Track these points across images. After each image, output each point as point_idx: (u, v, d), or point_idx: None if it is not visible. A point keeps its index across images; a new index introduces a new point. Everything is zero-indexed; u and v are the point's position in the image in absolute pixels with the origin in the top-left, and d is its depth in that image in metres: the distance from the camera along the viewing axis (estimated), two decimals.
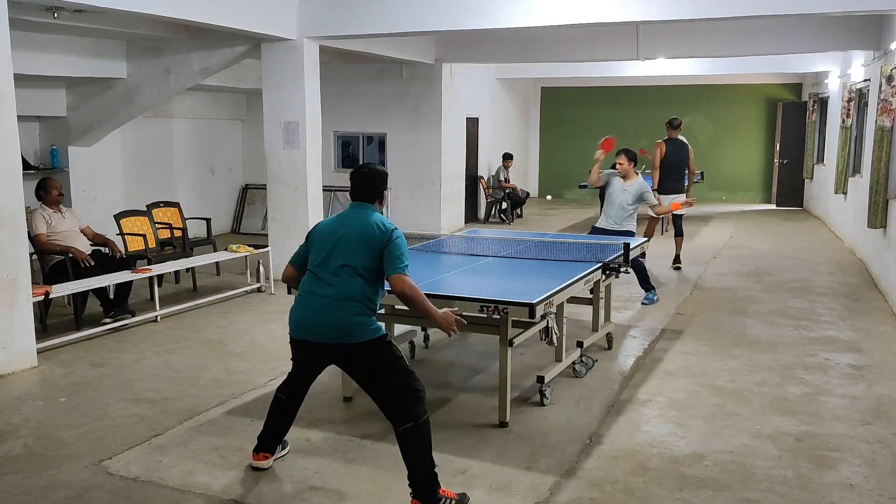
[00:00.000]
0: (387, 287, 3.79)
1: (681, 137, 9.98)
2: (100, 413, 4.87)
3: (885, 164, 8.21)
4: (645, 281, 7.84)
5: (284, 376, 5.50)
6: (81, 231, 7.28)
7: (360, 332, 3.65)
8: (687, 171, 10.02)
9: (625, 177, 7.66)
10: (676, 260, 9.78)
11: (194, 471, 4.04)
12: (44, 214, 7.00)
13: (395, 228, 3.77)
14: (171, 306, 7.43)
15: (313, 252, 3.83)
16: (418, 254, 6.08)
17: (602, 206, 8.23)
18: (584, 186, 13.04)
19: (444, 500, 3.58)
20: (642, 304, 7.77)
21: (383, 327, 3.76)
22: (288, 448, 4.24)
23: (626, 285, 8.26)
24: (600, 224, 7.76)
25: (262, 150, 9.09)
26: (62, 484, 3.89)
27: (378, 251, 3.68)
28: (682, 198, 9.19)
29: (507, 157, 14.93)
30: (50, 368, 5.74)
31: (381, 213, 3.89)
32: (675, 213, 8.51)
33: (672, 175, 9.68)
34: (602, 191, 8.90)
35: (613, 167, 8.00)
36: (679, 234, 9.80)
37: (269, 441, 4.08)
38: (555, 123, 18.59)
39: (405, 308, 3.98)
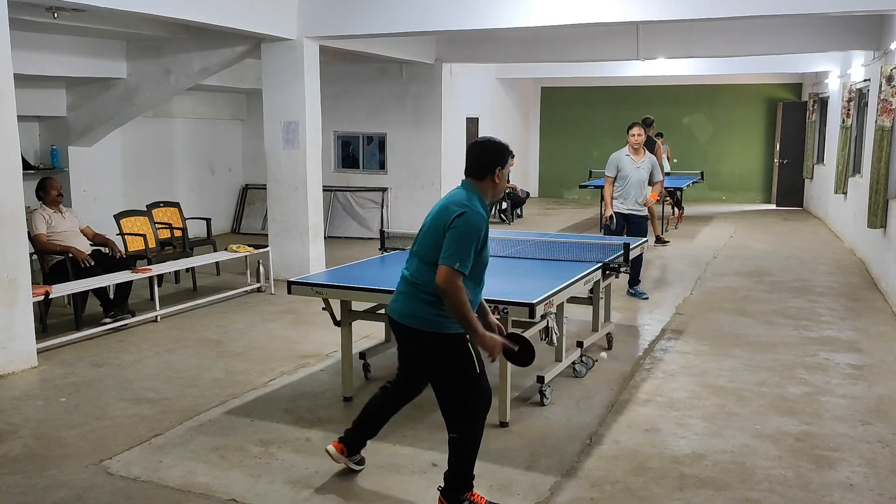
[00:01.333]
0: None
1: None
2: (100, 413, 4.87)
3: (885, 164, 8.21)
4: (636, 274, 7.83)
5: (284, 376, 5.56)
6: (81, 231, 7.28)
7: (425, 321, 3.43)
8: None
9: (637, 151, 7.63)
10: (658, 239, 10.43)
11: (194, 471, 4.04)
12: (44, 214, 7.00)
13: (467, 212, 3.34)
14: (171, 306, 7.43)
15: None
16: None
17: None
18: (586, 186, 13.06)
19: (466, 502, 3.51)
20: (627, 293, 7.80)
21: (457, 326, 3.42)
22: (363, 467, 4.01)
23: (625, 285, 8.26)
24: (619, 209, 7.73)
25: (262, 150, 9.09)
26: (62, 484, 3.89)
27: (442, 235, 3.35)
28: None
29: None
30: (50, 368, 5.74)
31: (489, 192, 3.53)
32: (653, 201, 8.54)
33: None
34: None
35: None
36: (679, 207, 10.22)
37: (354, 435, 3.91)
38: (555, 123, 18.59)
39: None
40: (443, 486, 3.57)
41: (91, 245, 7.34)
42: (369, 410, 3.91)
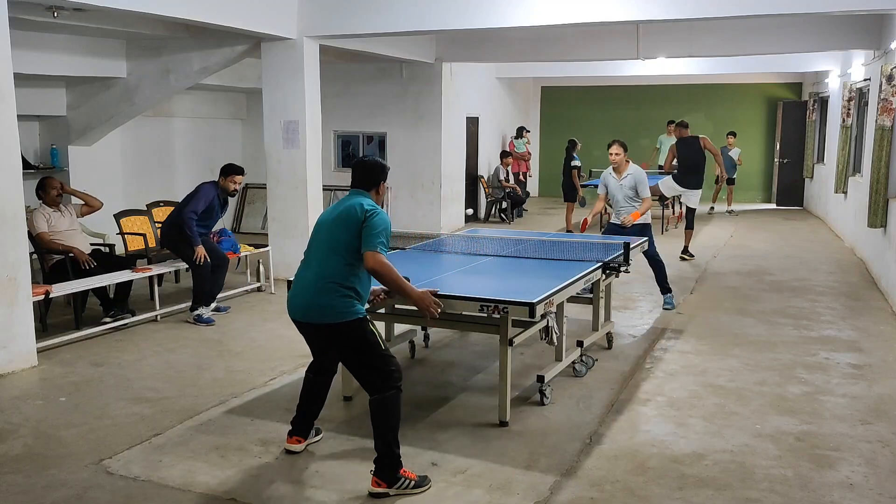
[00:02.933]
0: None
1: (692, 135, 10.74)
2: (100, 412, 4.87)
3: (885, 164, 8.21)
4: (663, 281, 7.57)
5: (284, 375, 5.56)
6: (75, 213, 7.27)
7: (337, 313, 3.78)
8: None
9: (618, 169, 7.38)
10: (685, 251, 10.36)
11: (194, 470, 4.04)
12: (44, 213, 6.99)
13: (377, 208, 3.88)
14: (171, 306, 7.43)
15: (310, 239, 4.01)
16: (418, 253, 6.08)
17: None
18: (586, 186, 13.07)
19: (403, 480, 3.75)
20: (664, 309, 7.46)
21: (361, 309, 3.85)
22: (321, 435, 4.39)
23: (625, 285, 8.26)
24: (614, 220, 7.61)
25: (262, 149, 9.09)
26: (62, 483, 3.89)
27: (356, 231, 3.78)
28: (695, 194, 10.41)
29: (505, 155, 14.94)
30: (50, 368, 5.74)
31: (376, 202, 3.99)
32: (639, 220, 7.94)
33: (691, 171, 10.54)
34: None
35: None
36: (689, 227, 10.43)
37: (302, 423, 4.24)
38: (555, 123, 18.57)
39: (406, 307, 3.98)
40: (374, 469, 3.77)
41: (91, 246, 7.34)
42: (306, 398, 4.25)
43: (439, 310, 4.02)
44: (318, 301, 3.80)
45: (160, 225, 8.73)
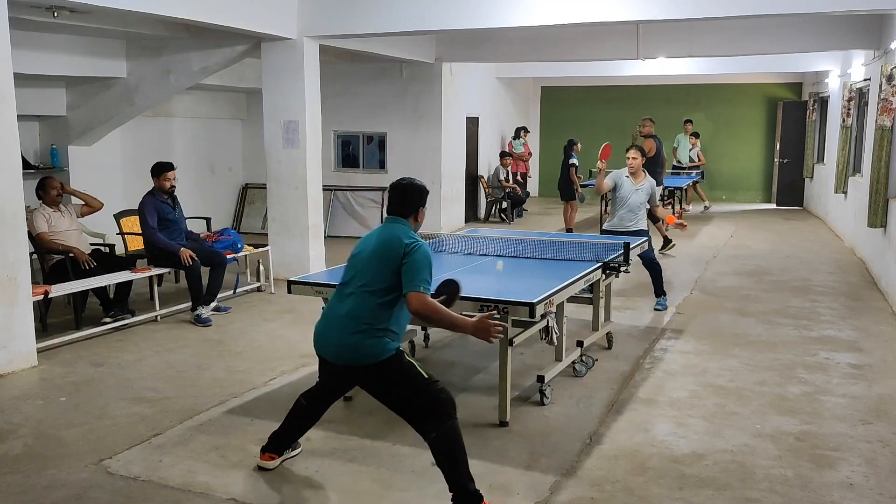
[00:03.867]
0: None
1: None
2: (100, 412, 4.87)
3: (885, 164, 8.21)
4: (658, 284, 7.58)
5: (284, 375, 5.55)
6: (75, 210, 7.28)
7: (370, 354, 3.54)
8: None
9: (635, 174, 7.42)
10: (664, 245, 10.45)
11: (194, 470, 4.03)
12: (44, 213, 6.99)
13: (417, 242, 3.58)
14: (171, 306, 7.43)
15: (345, 269, 3.80)
16: None
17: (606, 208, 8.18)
18: (586, 185, 13.07)
19: None
20: (655, 309, 7.48)
21: (395, 345, 3.60)
22: (300, 449, 4.20)
23: (625, 285, 8.26)
24: (609, 227, 7.50)
25: (262, 149, 9.08)
26: (62, 483, 3.89)
27: (394, 268, 3.52)
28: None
29: (505, 156, 14.94)
30: (50, 368, 5.74)
31: (413, 229, 3.73)
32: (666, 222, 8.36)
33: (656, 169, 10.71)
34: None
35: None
36: (654, 221, 10.12)
37: (280, 443, 4.03)
38: (555, 123, 18.57)
39: None
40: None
41: (90, 245, 7.34)
42: (294, 422, 3.98)
43: (501, 329, 3.59)
44: (349, 341, 3.55)
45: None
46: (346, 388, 3.98)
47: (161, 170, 7.23)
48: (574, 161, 12.76)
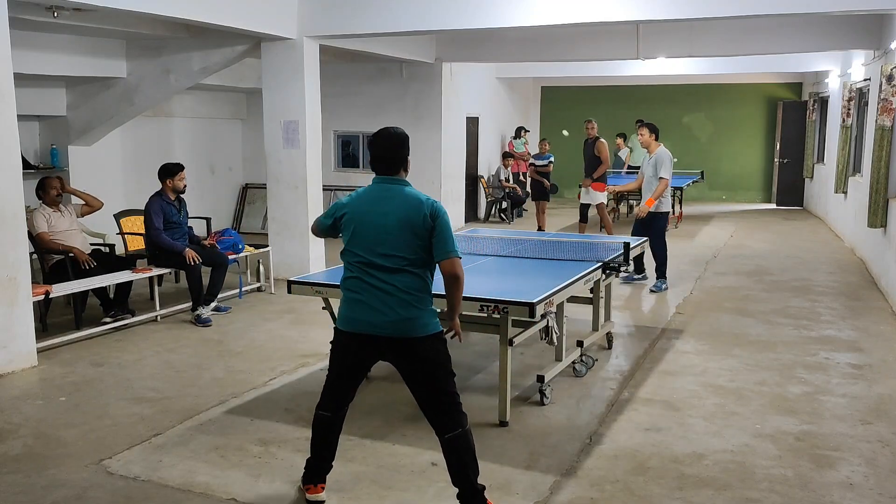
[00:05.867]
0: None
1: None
2: (100, 412, 4.87)
3: (885, 164, 8.21)
4: (660, 268, 8.08)
5: (284, 375, 5.55)
6: (75, 214, 7.28)
7: (424, 326, 3.44)
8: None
9: (647, 148, 8.12)
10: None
11: (194, 470, 4.03)
12: (44, 213, 6.99)
13: (435, 202, 3.51)
14: (171, 306, 7.43)
15: (354, 238, 3.49)
16: None
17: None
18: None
19: None
20: (651, 290, 7.91)
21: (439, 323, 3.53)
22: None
23: (625, 285, 8.26)
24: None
25: (262, 149, 9.09)
26: (62, 483, 3.89)
27: (425, 236, 3.42)
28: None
29: (507, 156, 14.94)
30: (50, 368, 5.74)
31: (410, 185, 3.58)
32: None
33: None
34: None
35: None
36: (583, 220, 10.77)
37: (321, 468, 3.71)
38: (555, 123, 18.56)
39: None
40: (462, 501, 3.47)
41: (90, 244, 7.34)
42: (325, 440, 3.68)
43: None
44: (404, 315, 3.40)
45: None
46: (367, 369, 3.68)
47: (172, 172, 7.21)
48: (534, 161, 12.65)
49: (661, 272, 8.17)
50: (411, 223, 3.42)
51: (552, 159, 12.41)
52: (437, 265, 3.49)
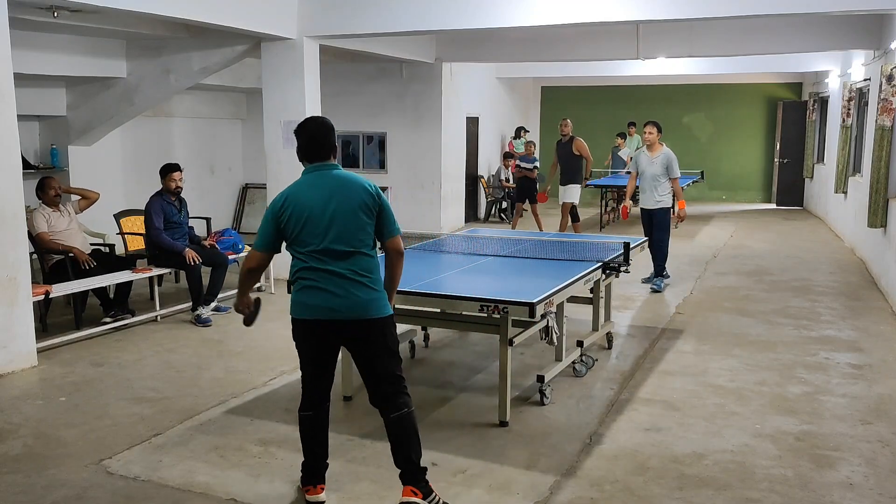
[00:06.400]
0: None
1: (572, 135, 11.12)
2: (100, 412, 4.87)
3: (885, 164, 8.21)
4: (659, 265, 8.11)
5: (284, 375, 5.55)
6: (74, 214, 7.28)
7: (381, 307, 3.53)
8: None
9: (650, 148, 8.09)
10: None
11: (194, 470, 4.04)
12: (43, 213, 6.99)
13: (376, 186, 3.61)
14: (171, 306, 7.43)
15: (306, 229, 3.46)
16: (419, 253, 6.08)
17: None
18: (586, 185, 13.06)
19: (434, 495, 3.55)
20: (652, 289, 7.95)
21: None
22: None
23: (625, 284, 8.26)
24: (642, 205, 8.31)
25: (262, 149, 9.09)
26: (62, 483, 3.89)
27: (372, 216, 3.53)
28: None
29: (508, 157, 14.94)
30: (50, 368, 5.74)
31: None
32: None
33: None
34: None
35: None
36: (576, 220, 10.97)
37: (317, 467, 3.72)
38: (555, 123, 18.48)
39: (405, 308, 3.86)
40: (408, 479, 3.53)
41: (90, 244, 7.34)
42: (315, 438, 3.70)
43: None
44: (364, 297, 3.47)
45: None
46: (334, 357, 3.68)
47: (166, 171, 7.23)
48: (520, 163, 12.57)
49: (661, 269, 8.23)
50: (364, 205, 3.50)
51: (537, 165, 12.29)
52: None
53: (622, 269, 5.73)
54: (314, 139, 3.56)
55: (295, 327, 3.62)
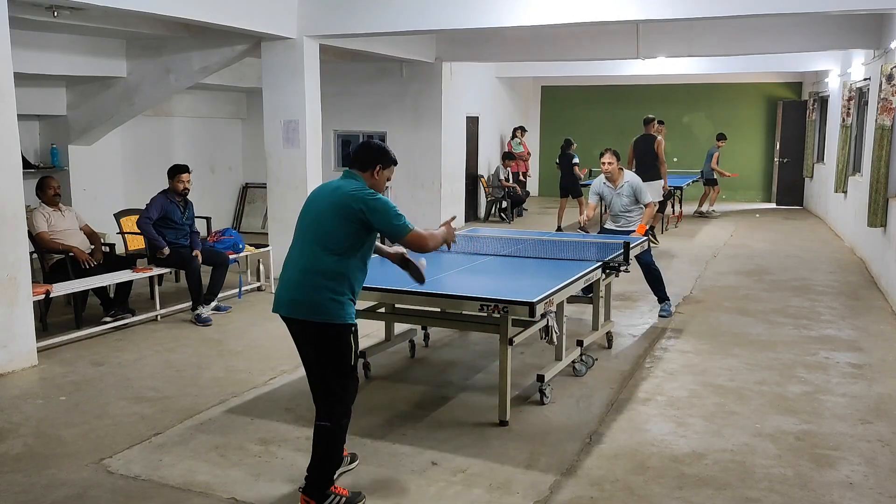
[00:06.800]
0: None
1: (653, 133, 11.08)
2: (100, 412, 4.87)
3: (885, 163, 8.21)
4: (659, 289, 7.26)
5: (284, 375, 5.55)
6: (80, 229, 7.26)
7: (330, 313, 3.49)
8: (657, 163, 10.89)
9: (612, 179, 7.14)
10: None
11: (194, 469, 4.04)
12: (43, 213, 6.99)
13: (371, 191, 3.59)
14: (171, 305, 7.43)
15: (298, 222, 3.68)
16: (419, 253, 6.06)
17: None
18: (586, 185, 13.07)
19: (333, 496, 3.55)
20: (660, 316, 7.18)
21: (353, 315, 3.57)
22: (357, 462, 4.06)
23: (625, 285, 8.26)
24: (608, 226, 7.42)
25: (262, 148, 9.08)
26: (62, 483, 3.89)
27: (353, 220, 3.49)
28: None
29: (508, 157, 14.95)
30: (50, 367, 5.74)
31: (370, 186, 3.66)
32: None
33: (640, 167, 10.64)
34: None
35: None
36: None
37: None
38: (555, 122, 18.57)
39: (405, 307, 3.86)
40: (303, 486, 3.58)
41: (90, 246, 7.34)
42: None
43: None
44: (310, 298, 3.49)
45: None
46: (306, 347, 3.69)
47: (174, 172, 7.22)
48: (576, 159, 12.89)
49: (663, 294, 7.35)
50: (343, 208, 3.52)
51: (577, 161, 12.54)
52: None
53: (622, 268, 5.73)
54: (354, 150, 3.81)
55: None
